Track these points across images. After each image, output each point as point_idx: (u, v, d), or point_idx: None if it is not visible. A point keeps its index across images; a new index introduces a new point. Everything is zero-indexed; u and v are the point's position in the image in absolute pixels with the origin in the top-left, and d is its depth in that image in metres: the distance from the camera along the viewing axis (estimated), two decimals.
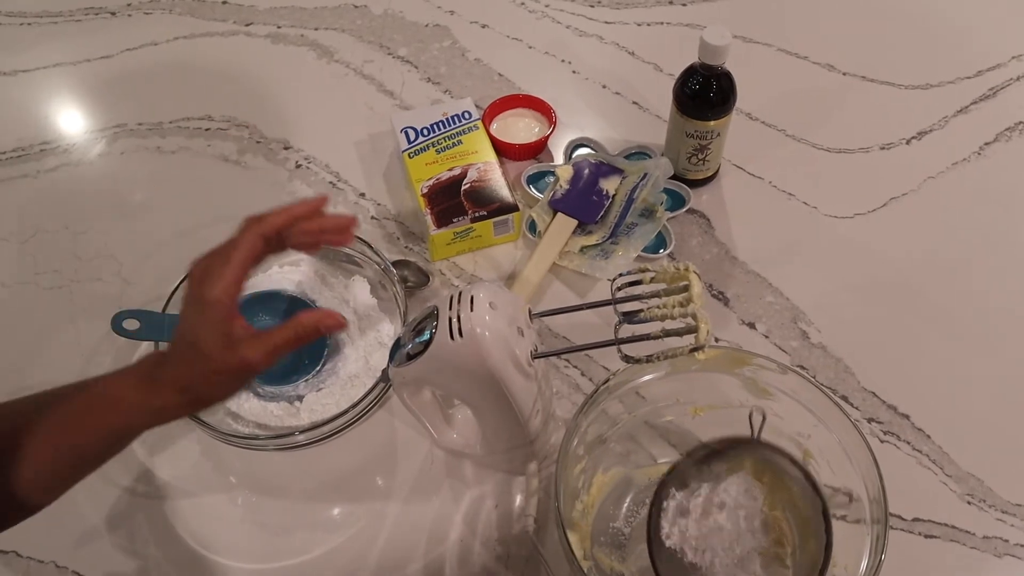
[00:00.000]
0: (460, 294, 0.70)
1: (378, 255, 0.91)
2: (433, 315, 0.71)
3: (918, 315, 0.93)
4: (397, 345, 0.74)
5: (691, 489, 0.76)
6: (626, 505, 0.81)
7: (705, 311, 0.68)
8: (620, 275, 0.73)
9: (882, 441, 0.85)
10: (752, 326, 0.93)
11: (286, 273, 0.94)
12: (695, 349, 0.68)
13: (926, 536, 0.80)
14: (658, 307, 0.69)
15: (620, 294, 0.72)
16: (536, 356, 0.73)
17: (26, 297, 0.99)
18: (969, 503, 0.81)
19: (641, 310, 0.70)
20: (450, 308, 0.69)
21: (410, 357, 0.71)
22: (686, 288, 0.70)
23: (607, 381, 0.76)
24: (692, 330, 0.68)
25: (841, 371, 0.89)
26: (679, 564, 0.73)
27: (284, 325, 0.63)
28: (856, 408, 0.87)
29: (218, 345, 0.60)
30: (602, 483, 0.81)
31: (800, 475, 0.74)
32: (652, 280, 0.72)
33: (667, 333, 0.68)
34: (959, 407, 0.87)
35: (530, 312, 0.75)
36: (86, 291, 0.99)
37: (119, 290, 0.99)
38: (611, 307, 0.72)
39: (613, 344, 0.69)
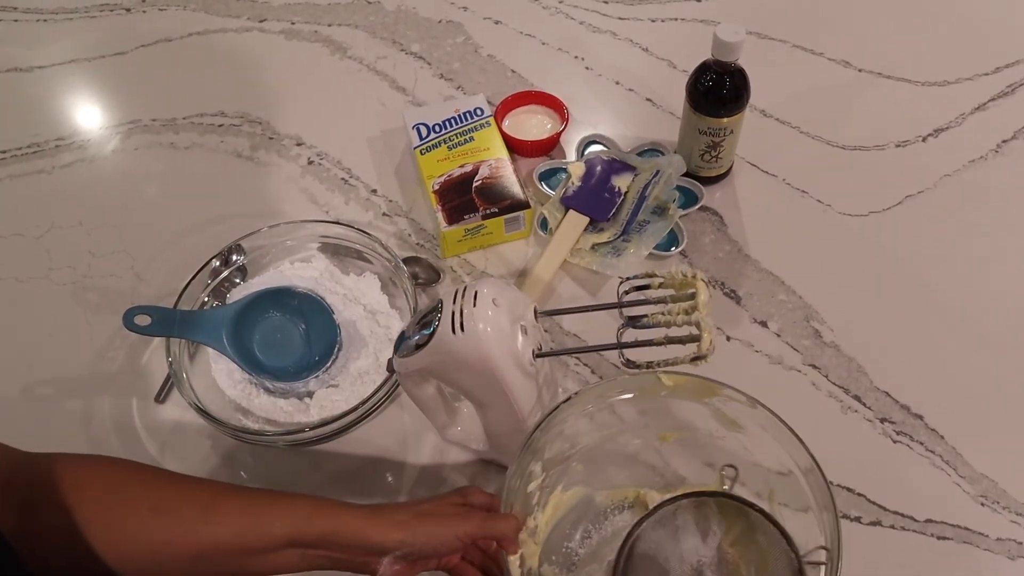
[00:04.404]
0: (465, 289, 0.70)
1: (388, 252, 0.91)
2: (438, 308, 0.71)
3: (932, 314, 0.92)
4: (402, 336, 0.74)
5: (662, 536, 0.72)
6: (583, 527, 0.79)
7: (711, 320, 0.67)
8: (627, 278, 0.72)
9: (895, 441, 0.84)
10: (764, 324, 0.92)
11: (297, 270, 0.94)
12: (697, 358, 0.67)
13: (939, 538, 0.79)
14: (662, 313, 0.68)
15: (627, 298, 0.72)
16: (538, 355, 0.72)
17: (40, 292, 0.99)
18: (983, 504, 0.80)
19: (646, 315, 0.69)
20: (454, 302, 0.70)
21: (415, 348, 0.72)
22: (694, 296, 0.69)
23: (568, 399, 0.73)
24: (696, 339, 0.67)
25: (854, 370, 0.89)
26: None
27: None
28: (869, 408, 0.86)
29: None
30: (560, 501, 0.79)
31: (774, 529, 0.69)
32: (661, 285, 0.71)
33: (670, 340, 0.67)
34: (973, 408, 0.86)
35: (536, 311, 0.75)
36: (99, 287, 0.99)
37: (132, 286, 0.99)
38: (623, 304, 0.71)
39: (615, 348, 0.69)
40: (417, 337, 0.71)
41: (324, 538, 0.64)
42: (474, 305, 0.69)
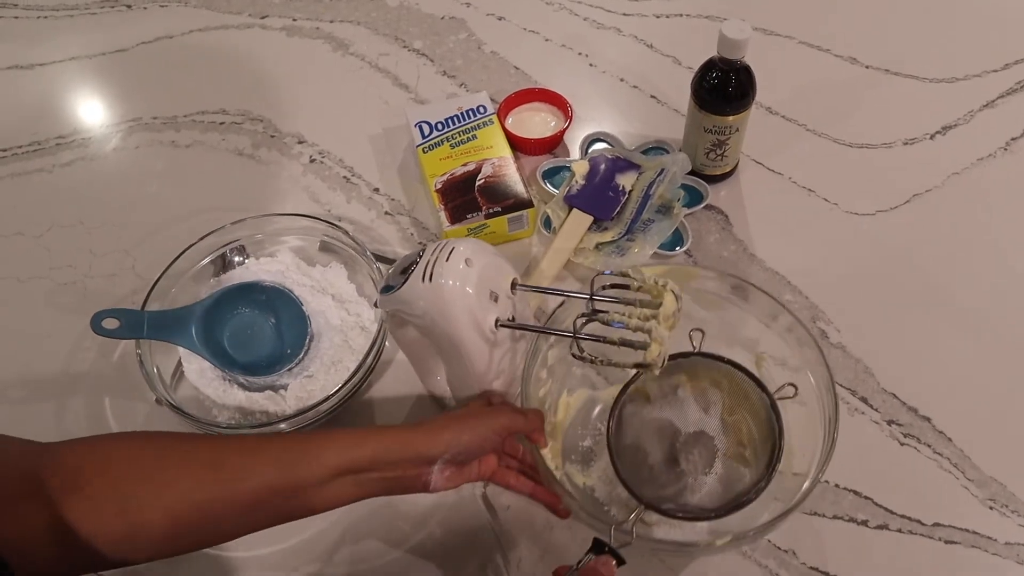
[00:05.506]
0: (445, 244, 0.73)
1: (354, 241, 0.91)
2: (419, 256, 0.73)
3: (940, 315, 0.91)
4: (387, 281, 0.77)
5: (651, 398, 0.78)
6: (591, 423, 0.83)
7: (666, 332, 0.67)
8: (605, 273, 0.72)
9: (902, 444, 0.83)
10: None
11: (263, 265, 0.94)
12: (640, 365, 0.67)
13: (947, 542, 0.78)
14: (620, 313, 0.69)
15: (602, 293, 0.71)
16: (500, 325, 0.74)
17: (40, 292, 0.99)
18: (991, 508, 0.79)
19: (608, 311, 0.69)
20: (432, 253, 0.72)
21: (393, 290, 0.74)
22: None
23: (562, 303, 0.78)
24: (645, 346, 0.67)
25: (861, 372, 0.88)
26: (642, 467, 0.75)
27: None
28: (876, 410, 0.85)
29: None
30: (567, 404, 0.83)
31: (745, 376, 0.75)
32: (639, 289, 0.71)
33: (623, 342, 0.68)
34: (981, 410, 0.85)
35: (515, 283, 0.76)
36: (100, 286, 0.99)
37: (132, 285, 0.98)
38: (595, 296, 0.71)
39: (571, 336, 0.69)
40: (396, 281, 0.74)
41: (375, 459, 0.65)
42: (446, 260, 0.71)
